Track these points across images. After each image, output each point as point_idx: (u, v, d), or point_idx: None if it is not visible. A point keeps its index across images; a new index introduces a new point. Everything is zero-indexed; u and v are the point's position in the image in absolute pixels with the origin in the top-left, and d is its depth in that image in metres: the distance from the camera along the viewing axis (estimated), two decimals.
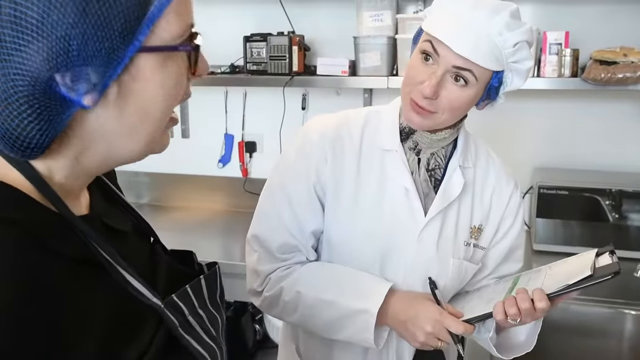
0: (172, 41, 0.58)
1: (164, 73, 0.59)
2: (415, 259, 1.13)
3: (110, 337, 0.58)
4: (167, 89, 0.60)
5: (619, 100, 2.19)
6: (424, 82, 1.01)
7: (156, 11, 0.56)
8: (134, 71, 0.57)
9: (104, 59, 0.54)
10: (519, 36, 1.00)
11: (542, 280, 1.09)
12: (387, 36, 2.11)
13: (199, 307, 0.71)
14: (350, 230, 1.13)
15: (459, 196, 1.15)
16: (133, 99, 0.58)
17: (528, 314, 1.02)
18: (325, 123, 1.17)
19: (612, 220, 1.99)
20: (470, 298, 1.19)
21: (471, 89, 1.02)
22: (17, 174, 0.58)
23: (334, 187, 1.14)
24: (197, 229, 2.44)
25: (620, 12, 2.11)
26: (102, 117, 0.57)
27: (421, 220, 1.13)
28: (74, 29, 0.52)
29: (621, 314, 1.70)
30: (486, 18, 0.98)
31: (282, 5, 2.32)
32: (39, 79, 0.52)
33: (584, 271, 1.02)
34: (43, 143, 0.56)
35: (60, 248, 0.57)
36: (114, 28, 0.53)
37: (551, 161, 2.28)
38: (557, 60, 1.98)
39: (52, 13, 0.51)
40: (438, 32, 0.99)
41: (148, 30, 0.56)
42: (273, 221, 1.16)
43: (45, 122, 0.54)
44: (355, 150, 1.15)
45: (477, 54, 0.97)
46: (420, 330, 1.05)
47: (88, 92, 0.54)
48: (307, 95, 2.48)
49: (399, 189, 1.13)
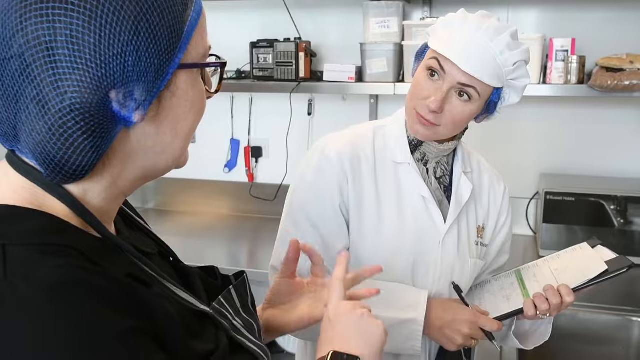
0: (200, 59, 0.62)
1: (194, 90, 0.62)
2: (440, 264, 1.18)
3: (184, 332, 0.60)
4: (196, 105, 0.63)
5: (624, 107, 2.19)
6: (429, 97, 1.07)
7: (190, 29, 0.60)
8: (173, 87, 0.60)
9: (153, 75, 0.57)
10: (519, 56, 1.06)
11: (552, 275, 1.14)
12: (393, 43, 2.12)
13: (235, 315, 0.72)
14: (377, 245, 1.16)
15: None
16: (169, 116, 0.61)
17: (556, 308, 1.09)
18: (339, 142, 1.18)
19: (618, 226, 1.99)
20: (480, 295, 1.23)
21: (474, 104, 1.08)
22: (56, 203, 0.58)
23: (357, 205, 1.16)
24: (202, 234, 2.45)
25: (626, 18, 2.11)
26: (140, 134, 0.60)
27: (442, 227, 1.18)
28: (128, 46, 0.54)
29: (628, 321, 1.69)
30: (489, 38, 1.04)
31: (288, 11, 2.33)
32: (95, 98, 0.54)
33: (598, 266, 1.08)
34: (93, 161, 0.57)
35: (109, 267, 0.57)
36: (162, 45, 0.56)
37: (557, 167, 2.28)
38: (564, 66, 1.98)
39: (107, 32, 0.53)
40: (446, 51, 1.05)
41: (185, 48, 0.59)
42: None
43: (97, 140, 0.56)
44: (370, 166, 1.17)
45: (482, 72, 1.04)
46: (458, 333, 1.11)
47: (137, 108, 0.57)
48: (313, 101, 2.49)
49: (417, 199, 1.17)
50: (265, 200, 2.54)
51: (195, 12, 0.60)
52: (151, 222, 0.80)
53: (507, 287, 1.19)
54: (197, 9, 0.61)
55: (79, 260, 0.54)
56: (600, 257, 1.12)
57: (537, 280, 1.15)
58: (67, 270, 0.52)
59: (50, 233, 0.55)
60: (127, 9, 0.54)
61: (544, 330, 1.21)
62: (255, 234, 2.44)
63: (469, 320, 1.10)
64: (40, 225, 0.56)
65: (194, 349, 0.60)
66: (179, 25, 0.58)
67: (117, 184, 0.62)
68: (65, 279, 0.51)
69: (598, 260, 1.10)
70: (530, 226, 2.33)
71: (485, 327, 1.10)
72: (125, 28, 0.54)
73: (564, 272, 1.14)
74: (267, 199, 2.53)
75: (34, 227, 0.55)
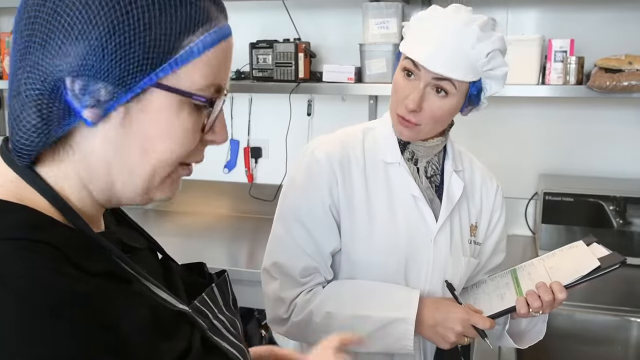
0: (195, 89, 0.59)
1: (172, 116, 0.58)
2: (432, 263, 1.18)
3: (154, 339, 0.59)
4: (173, 134, 0.59)
5: (623, 107, 2.20)
6: (407, 96, 1.08)
7: (185, 56, 0.57)
8: (143, 102, 0.57)
9: (116, 80, 0.55)
10: (491, 46, 1.06)
11: (547, 273, 1.15)
12: (392, 43, 2.13)
13: (218, 313, 0.72)
14: (369, 245, 1.16)
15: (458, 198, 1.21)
16: (136, 131, 0.58)
17: (548, 305, 1.09)
18: (328, 143, 1.19)
19: (617, 227, 1.99)
20: (475, 295, 1.23)
21: (452, 98, 1.08)
22: (39, 198, 0.59)
23: (347, 205, 1.16)
24: (202, 234, 2.45)
25: (625, 19, 2.12)
26: (103, 137, 0.58)
27: (434, 226, 1.18)
28: (96, 40, 0.54)
29: (627, 321, 1.69)
30: (457, 34, 1.05)
31: (288, 12, 2.33)
32: (49, 77, 0.54)
33: (591, 262, 1.09)
34: (36, 145, 0.57)
35: (88, 264, 0.57)
36: (136, 54, 0.55)
37: (556, 167, 2.29)
38: (563, 67, 1.99)
39: (84, 18, 0.53)
40: (414, 54, 1.07)
41: (170, 70, 0.57)
42: (291, 247, 1.17)
43: (43, 122, 0.56)
44: (360, 167, 1.18)
45: (453, 69, 1.05)
46: (451, 331, 1.11)
47: (92, 106, 0.55)
48: (312, 101, 2.49)
49: (407, 198, 1.17)
50: (264, 200, 2.54)
51: (202, 43, 0.58)
52: (150, 223, 0.81)
53: (502, 286, 1.19)
54: (207, 40, 0.58)
55: (52, 261, 0.53)
56: (594, 254, 1.12)
57: (531, 279, 1.15)
58: (38, 273, 0.52)
59: (30, 228, 0.55)
60: (115, 6, 0.54)
61: (539, 329, 1.22)
62: (254, 235, 2.44)
63: (462, 318, 1.10)
64: (20, 219, 0.56)
65: (165, 352, 0.59)
66: (169, 45, 0.56)
67: (89, 188, 0.61)
68: (35, 284, 0.51)
69: (591, 257, 1.11)
70: (529, 226, 2.33)
71: (477, 325, 1.10)
72: (103, 21, 0.54)
73: (558, 270, 1.14)
74: (266, 199, 2.54)
75: (13, 221, 0.55)
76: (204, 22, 0.59)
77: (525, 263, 1.23)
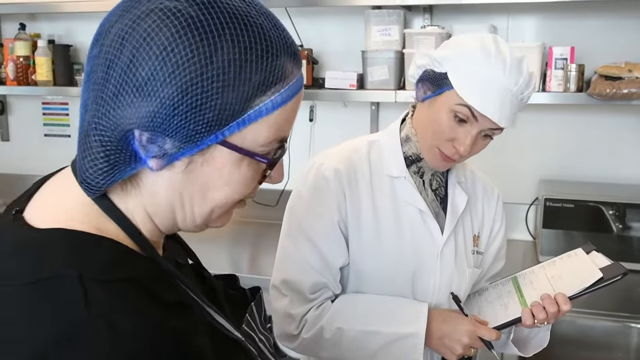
0: (254, 147, 0.58)
1: (234, 171, 0.59)
2: (439, 276, 1.19)
3: None
4: (232, 185, 0.60)
5: (623, 114, 2.21)
6: (456, 139, 1.10)
7: (254, 115, 0.57)
8: (207, 156, 0.57)
9: (184, 137, 0.55)
10: (531, 89, 1.11)
11: (549, 282, 1.16)
12: (394, 50, 2.14)
13: (258, 332, 0.73)
14: (377, 259, 1.17)
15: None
16: (198, 178, 0.59)
17: (553, 316, 1.10)
18: (335, 158, 1.19)
19: (616, 232, 2.00)
20: (478, 304, 1.24)
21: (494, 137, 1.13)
22: (113, 227, 0.60)
23: (355, 220, 1.17)
24: (204, 239, 2.44)
25: (625, 27, 2.14)
26: (167, 181, 0.59)
27: (439, 238, 1.19)
28: (168, 100, 0.53)
29: (627, 327, 1.70)
30: (514, 83, 1.07)
31: (290, 19, 2.35)
32: (119, 127, 0.55)
33: (594, 273, 1.10)
34: (103, 182, 0.58)
35: (165, 296, 0.58)
36: (205, 116, 0.54)
37: (556, 173, 2.30)
38: (563, 75, 2.00)
39: (158, 76, 0.53)
40: (480, 106, 1.05)
41: (237, 129, 0.56)
42: (300, 264, 1.17)
43: (109, 166, 0.57)
44: (367, 181, 1.18)
45: (510, 119, 1.09)
46: (458, 343, 1.12)
47: (157, 156, 0.56)
48: (314, 107, 2.51)
49: (413, 212, 1.18)
50: (267, 205, 2.55)
51: (273, 102, 0.57)
52: None
53: (505, 295, 1.20)
54: (278, 99, 0.57)
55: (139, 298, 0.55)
56: (595, 263, 1.13)
57: (533, 288, 1.16)
58: (146, 335, 0.53)
59: (117, 264, 0.57)
60: (190, 65, 0.53)
61: (542, 337, 1.23)
62: (257, 240, 2.45)
63: (469, 330, 1.11)
64: (107, 255, 0.57)
65: None
66: (239, 106, 0.55)
67: (154, 220, 0.62)
68: (144, 345, 0.53)
69: (593, 268, 1.12)
70: (529, 232, 2.34)
71: (484, 337, 1.11)
72: (176, 82, 0.53)
73: (560, 279, 1.15)
74: (268, 204, 2.55)
75: (102, 258, 0.57)
76: (278, 81, 0.57)
77: (526, 270, 1.24)
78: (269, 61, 0.56)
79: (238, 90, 0.55)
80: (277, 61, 0.57)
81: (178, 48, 0.53)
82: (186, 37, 0.53)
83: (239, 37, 0.54)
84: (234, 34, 0.54)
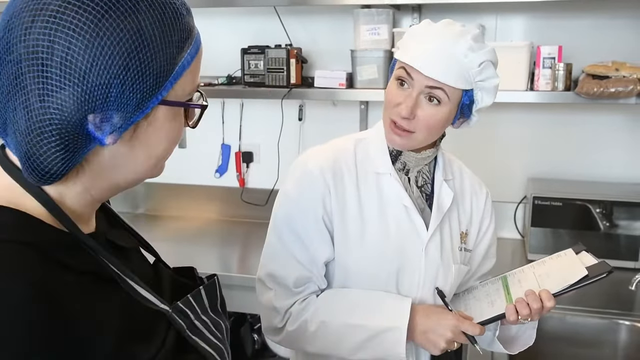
0: (184, 97, 0.67)
1: (172, 123, 0.67)
2: (424, 271, 1.20)
3: (126, 338, 0.63)
4: (171, 137, 0.68)
5: (610, 113, 2.23)
6: (401, 104, 1.10)
7: (180, 70, 0.64)
8: (151, 119, 0.64)
9: (133, 108, 0.61)
10: (483, 56, 1.09)
11: (536, 280, 1.17)
12: (383, 49, 2.14)
13: (201, 314, 0.74)
14: (362, 255, 1.18)
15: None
16: (142, 142, 0.65)
17: (537, 312, 1.11)
18: (321, 155, 1.21)
19: (604, 230, 2.02)
20: (465, 301, 1.25)
21: (444, 107, 1.10)
22: (31, 201, 0.63)
23: (340, 216, 1.18)
24: (193, 239, 2.45)
25: (612, 26, 2.15)
26: (114, 153, 0.64)
27: (425, 235, 1.19)
28: (115, 79, 0.59)
29: (615, 324, 1.71)
30: (451, 43, 1.08)
31: (279, 18, 2.35)
32: (73, 117, 0.58)
33: (579, 271, 1.12)
34: (62, 171, 0.61)
35: (71, 263, 0.62)
36: (148, 82, 0.61)
37: (544, 172, 2.31)
38: (551, 74, 2.01)
39: (99, 62, 0.58)
40: (410, 60, 1.09)
41: (171, 87, 0.64)
42: (285, 258, 1.18)
43: (69, 153, 0.60)
44: (352, 178, 1.19)
45: (446, 76, 1.07)
46: (442, 337, 1.13)
47: (112, 132, 0.61)
48: (303, 106, 2.50)
49: (399, 208, 1.19)
50: (256, 205, 2.55)
51: (189, 55, 0.65)
52: (142, 227, 0.83)
53: (493, 292, 1.21)
54: (192, 51, 0.65)
55: (37, 270, 0.57)
56: (582, 262, 1.15)
57: (521, 286, 1.17)
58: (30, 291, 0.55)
59: (16, 229, 0.60)
60: (123, 44, 0.58)
61: (529, 336, 1.24)
62: (246, 239, 2.44)
63: (452, 325, 1.12)
64: (10, 219, 0.61)
65: (138, 351, 0.64)
66: (169, 66, 0.63)
67: (90, 192, 0.67)
68: (26, 296, 0.55)
69: (579, 266, 1.13)
70: (518, 230, 2.35)
71: (467, 332, 1.12)
72: (117, 61, 0.58)
73: (547, 277, 1.17)
74: (258, 203, 2.54)
75: (3, 220, 0.60)
76: (188, 35, 0.65)
77: (516, 270, 1.25)
78: (179, 21, 0.64)
79: (165, 52, 0.62)
80: (183, 19, 0.65)
81: (108, 32, 0.58)
82: (112, 20, 0.58)
83: (153, 7, 0.61)
84: (147, 5, 0.61)
